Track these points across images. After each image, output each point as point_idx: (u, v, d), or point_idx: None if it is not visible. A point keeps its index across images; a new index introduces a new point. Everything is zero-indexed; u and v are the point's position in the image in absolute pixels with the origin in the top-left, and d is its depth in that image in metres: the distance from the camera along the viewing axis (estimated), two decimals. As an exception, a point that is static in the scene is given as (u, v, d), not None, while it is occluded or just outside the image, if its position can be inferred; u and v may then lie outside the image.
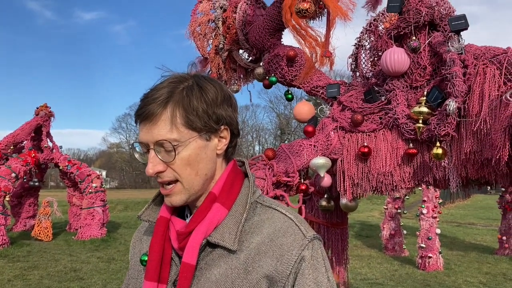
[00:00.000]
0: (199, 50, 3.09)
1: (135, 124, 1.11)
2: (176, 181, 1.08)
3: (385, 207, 10.70)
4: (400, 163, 2.31)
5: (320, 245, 1.09)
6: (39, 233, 11.66)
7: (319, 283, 1.04)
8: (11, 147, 12.05)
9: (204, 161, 1.08)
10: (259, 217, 1.10)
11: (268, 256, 1.04)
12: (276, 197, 2.28)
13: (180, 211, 1.18)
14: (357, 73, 2.74)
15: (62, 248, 10.86)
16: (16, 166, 11.14)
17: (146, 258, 1.14)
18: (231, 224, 1.08)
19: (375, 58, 2.62)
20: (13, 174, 10.95)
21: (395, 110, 2.31)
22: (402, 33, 2.38)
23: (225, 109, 1.09)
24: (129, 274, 1.28)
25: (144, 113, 1.05)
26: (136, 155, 1.13)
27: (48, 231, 11.75)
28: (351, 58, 2.77)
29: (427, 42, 2.32)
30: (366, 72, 2.67)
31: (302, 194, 2.38)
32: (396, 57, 2.31)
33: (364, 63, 2.69)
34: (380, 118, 2.39)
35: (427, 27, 2.35)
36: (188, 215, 1.17)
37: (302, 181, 2.43)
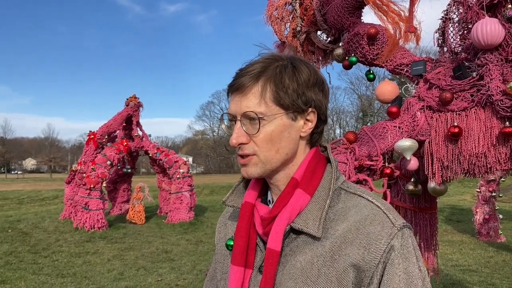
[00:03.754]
0: (276, 34, 3.07)
1: (227, 97, 1.13)
2: (254, 154, 1.08)
3: (477, 190, 10.08)
4: (494, 143, 2.15)
5: (410, 234, 1.03)
6: (133, 217, 12.47)
7: (409, 273, 0.99)
8: (106, 137, 12.96)
9: (286, 140, 1.08)
10: (343, 204, 1.07)
11: (355, 245, 1.01)
12: (358, 182, 2.22)
13: (263, 196, 1.18)
14: (445, 49, 2.57)
15: (154, 230, 11.54)
16: (110, 154, 11.97)
17: (232, 243, 1.15)
18: (314, 210, 1.06)
19: (465, 31, 2.44)
20: (108, 162, 11.78)
21: (489, 86, 2.14)
22: (495, 1, 2.19)
23: (316, 92, 1.09)
24: (215, 258, 1.31)
25: (236, 84, 1.07)
26: (223, 126, 1.15)
27: (141, 215, 12.54)
28: (437, 33, 2.60)
29: (525, 9, 2.11)
30: (454, 47, 2.50)
31: (386, 178, 2.31)
32: (488, 29, 2.13)
33: (452, 37, 2.51)
34: (472, 95, 2.23)
35: (525, -7, 2.14)
36: (271, 200, 1.17)
37: (387, 164, 2.35)
